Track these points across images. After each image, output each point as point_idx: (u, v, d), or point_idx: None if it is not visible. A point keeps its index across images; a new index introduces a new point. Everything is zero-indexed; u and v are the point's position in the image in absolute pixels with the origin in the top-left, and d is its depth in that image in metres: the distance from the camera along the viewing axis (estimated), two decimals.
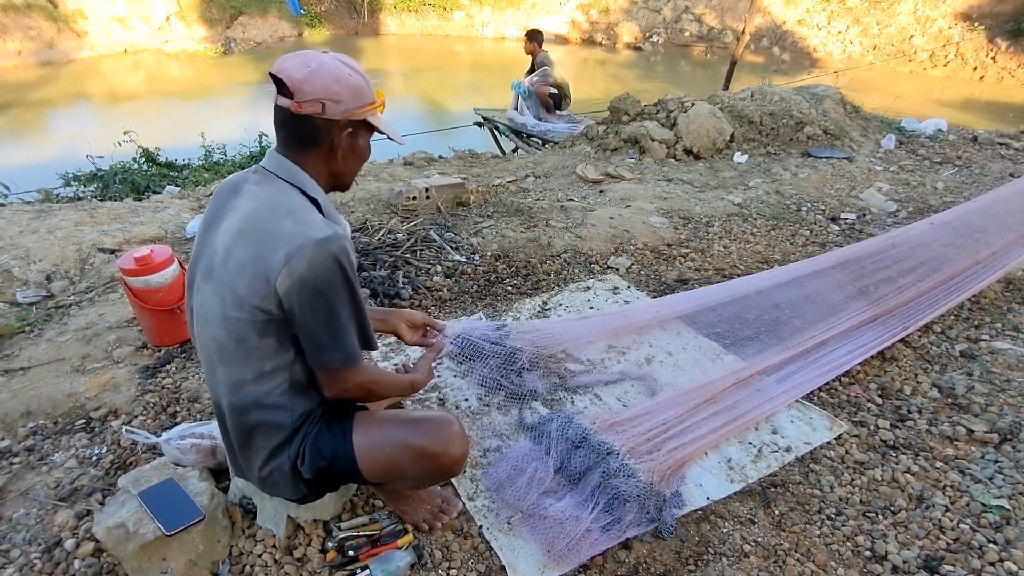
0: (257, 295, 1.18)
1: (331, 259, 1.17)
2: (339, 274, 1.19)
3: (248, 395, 1.28)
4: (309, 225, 1.18)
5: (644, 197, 4.06)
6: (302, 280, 1.15)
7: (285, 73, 1.19)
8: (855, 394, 2.30)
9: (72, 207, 4.03)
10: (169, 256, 2.37)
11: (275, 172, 1.27)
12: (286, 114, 1.22)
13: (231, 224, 1.24)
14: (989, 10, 15.53)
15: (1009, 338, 2.68)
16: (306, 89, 1.18)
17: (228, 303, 1.21)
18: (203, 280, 1.28)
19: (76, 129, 11.26)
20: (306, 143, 1.26)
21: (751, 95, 5.56)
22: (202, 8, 17.41)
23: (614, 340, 2.52)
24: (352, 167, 1.35)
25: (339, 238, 1.19)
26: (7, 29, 14.94)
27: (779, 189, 4.34)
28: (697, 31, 17.95)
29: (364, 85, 1.26)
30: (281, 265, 1.15)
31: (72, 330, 2.57)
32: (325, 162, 1.29)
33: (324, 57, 1.23)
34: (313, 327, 1.21)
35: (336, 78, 1.20)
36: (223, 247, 1.24)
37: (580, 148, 5.44)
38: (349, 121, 1.25)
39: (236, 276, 1.20)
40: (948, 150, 5.38)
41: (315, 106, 1.20)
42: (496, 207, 3.91)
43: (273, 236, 1.17)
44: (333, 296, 1.19)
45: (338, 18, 19.37)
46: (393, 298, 2.76)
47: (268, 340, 1.24)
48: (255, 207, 1.23)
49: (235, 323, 1.22)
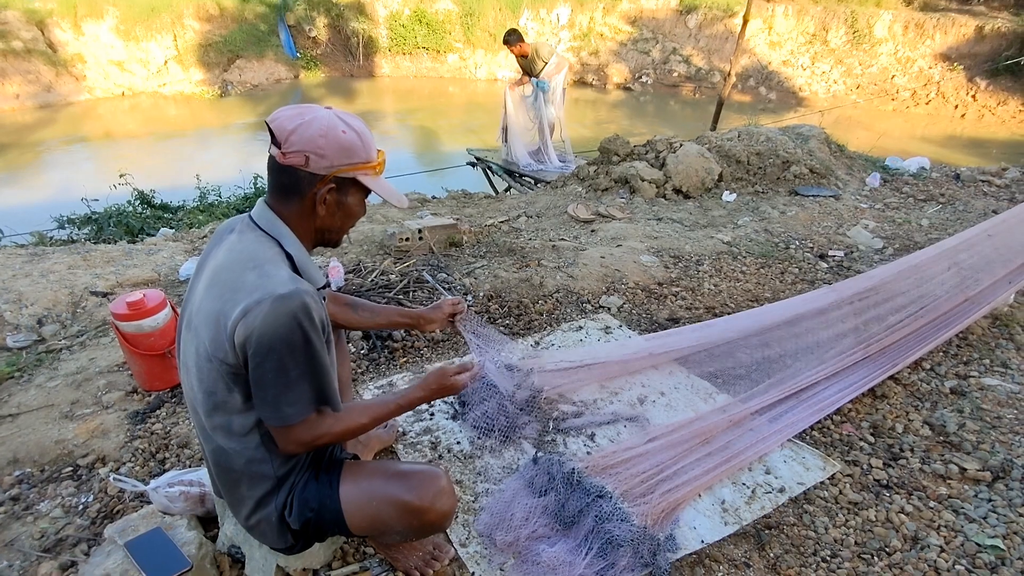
0: (220, 348, 1.17)
1: (288, 316, 1.14)
2: (295, 332, 1.16)
3: (228, 446, 1.27)
4: (271, 279, 1.17)
5: (635, 236, 4.12)
6: (256, 335, 1.13)
7: (276, 122, 1.21)
8: (847, 432, 2.31)
9: (66, 250, 4.04)
10: (161, 300, 2.37)
11: (257, 222, 1.28)
12: (273, 163, 1.24)
13: (206, 275, 1.26)
14: (967, 51, 16.03)
15: (998, 374, 2.71)
16: (292, 140, 1.19)
17: (200, 354, 1.21)
18: (185, 329, 1.29)
19: (72, 171, 11.36)
20: (289, 194, 1.26)
21: (738, 135, 5.68)
22: (200, 52, 17.74)
23: (606, 381, 2.53)
24: (338, 224, 1.34)
25: (299, 294, 1.16)
26: (6, 73, 15.17)
27: (768, 227, 4.41)
28: (685, 71, 18.40)
29: (357, 143, 1.25)
30: (239, 318, 1.14)
31: (62, 375, 2.56)
32: (308, 216, 1.28)
33: (321, 111, 1.24)
34: (261, 383, 1.18)
35: (323, 132, 1.20)
36: (198, 297, 1.25)
37: (571, 188, 5.53)
38: (334, 177, 1.24)
39: (203, 328, 1.20)
40: (932, 187, 5.49)
41: (299, 158, 1.20)
42: (489, 247, 3.95)
43: (235, 290, 1.17)
44: (285, 354, 1.16)
45: (333, 61, 19.76)
46: (386, 339, 2.77)
47: (236, 395, 1.22)
48: (226, 259, 1.24)
49: (206, 375, 1.22)
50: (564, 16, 19.26)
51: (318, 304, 1.22)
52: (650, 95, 18.18)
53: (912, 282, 3.13)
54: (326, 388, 1.25)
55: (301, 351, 1.18)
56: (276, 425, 1.22)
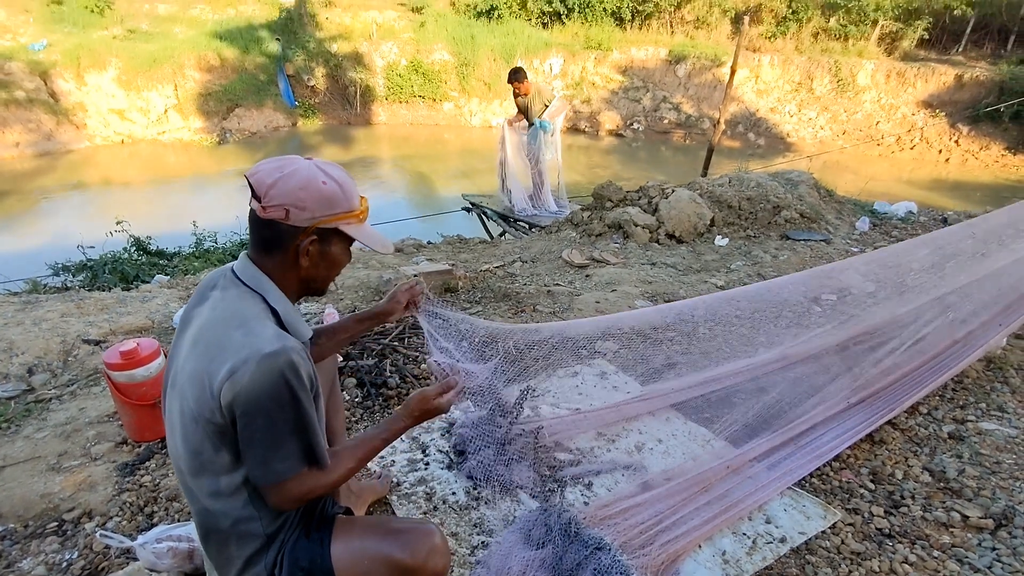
0: (207, 408, 1.16)
1: (275, 374, 1.13)
2: (282, 389, 1.15)
3: (215, 506, 1.24)
4: (258, 337, 1.16)
5: (629, 281, 4.14)
6: (244, 394, 1.12)
7: (256, 176, 1.20)
8: (847, 479, 2.28)
9: (59, 298, 4.03)
10: (155, 349, 2.36)
11: (240, 277, 1.26)
12: (254, 217, 1.23)
13: (191, 333, 1.24)
14: (948, 98, 16.52)
15: (995, 418, 2.70)
16: (272, 194, 1.18)
17: (185, 415, 1.19)
18: (170, 388, 1.27)
19: (68, 218, 11.42)
20: (271, 248, 1.25)
21: (729, 181, 5.78)
22: (200, 101, 18.09)
23: (604, 427, 2.51)
24: (323, 274, 1.33)
25: (287, 351, 1.15)
26: (8, 122, 15.40)
27: (760, 271, 4.45)
28: (676, 118, 18.83)
29: (338, 194, 1.24)
30: (225, 378, 1.13)
31: (51, 425, 2.52)
32: (291, 268, 1.27)
33: (301, 163, 1.23)
34: (251, 442, 1.16)
35: (304, 185, 1.20)
36: (182, 356, 1.23)
37: (566, 233, 5.59)
38: (316, 228, 1.23)
39: (188, 388, 1.18)
40: (920, 231, 5.57)
41: (279, 211, 1.19)
42: (484, 292, 3.96)
43: (221, 349, 1.16)
44: (274, 412, 1.15)
45: (331, 109, 20.17)
46: (380, 387, 2.75)
47: (223, 455, 1.20)
48: (211, 317, 1.22)
49: (191, 435, 1.20)
50: (557, 66, 19.81)
51: (305, 360, 1.21)
52: (642, 141, 18.56)
53: (905, 324, 3.15)
54: (315, 444, 1.23)
55: (289, 408, 1.17)
56: (268, 483, 1.20)
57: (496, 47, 19.55)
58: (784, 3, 19.58)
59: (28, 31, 18.16)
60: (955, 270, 3.58)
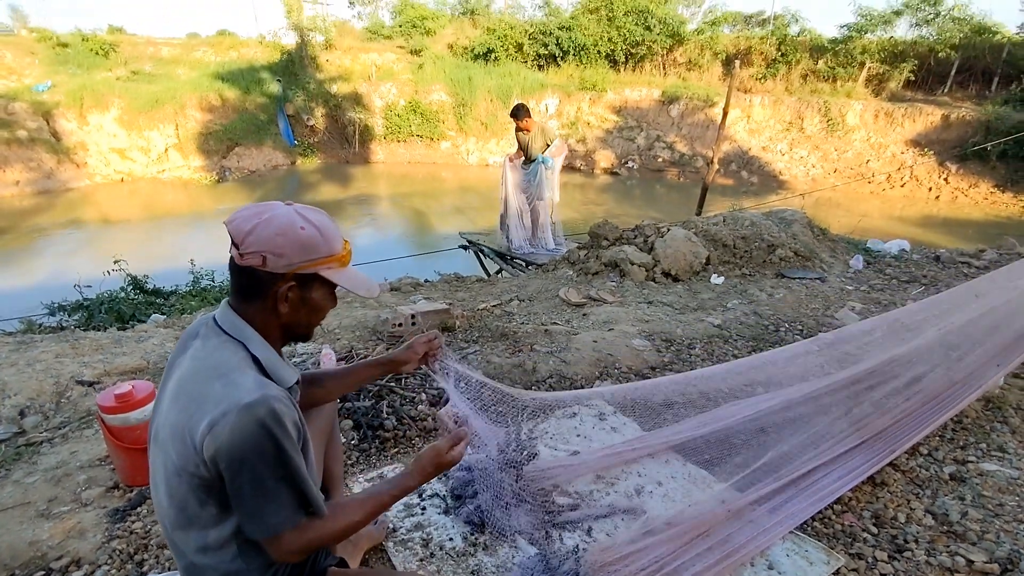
0: (190, 462, 1.14)
1: (256, 424, 1.11)
2: (265, 440, 1.12)
3: (203, 560, 1.22)
4: (237, 388, 1.14)
5: (626, 320, 4.15)
6: (226, 447, 1.10)
7: (233, 224, 1.19)
8: (849, 523, 2.25)
9: (54, 338, 4.02)
10: (150, 392, 2.34)
11: (221, 325, 1.25)
12: (233, 265, 1.22)
13: (172, 386, 1.23)
14: (936, 137, 16.87)
15: (996, 459, 2.68)
16: (249, 241, 1.17)
17: (169, 470, 1.18)
18: (152, 442, 1.25)
19: (65, 255, 11.44)
20: (251, 295, 1.24)
21: (723, 220, 5.85)
22: (200, 140, 18.36)
23: (603, 470, 2.48)
24: (305, 320, 1.30)
25: (267, 400, 1.13)
26: (9, 161, 15.58)
27: (756, 310, 4.46)
28: (669, 157, 19.15)
29: (317, 239, 1.22)
30: (206, 432, 1.11)
31: (41, 470, 2.48)
32: (272, 315, 1.25)
33: (280, 209, 1.22)
34: (240, 497, 1.14)
35: (281, 231, 1.18)
36: (164, 410, 1.22)
37: (563, 272, 5.62)
38: (295, 275, 1.22)
39: (171, 442, 1.17)
40: (914, 269, 5.61)
41: (256, 259, 1.17)
42: (481, 331, 3.96)
43: (201, 402, 1.14)
44: (258, 464, 1.12)
45: (330, 148, 20.47)
46: (377, 429, 2.72)
47: (209, 508, 1.18)
48: (191, 368, 1.21)
49: (175, 489, 1.18)
50: (553, 106, 20.21)
51: (288, 407, 1.19)
52: (636, 179, 18.82)
53: (904, 364, 3.15)
54: (307, 492, 1.20)
55: (274, 459, 1.14)
56: (265, 536, 1.17)
57: (493, 88, 19.98)
58: (773, 46, 20.15)
59: (33, 72, 18.52)
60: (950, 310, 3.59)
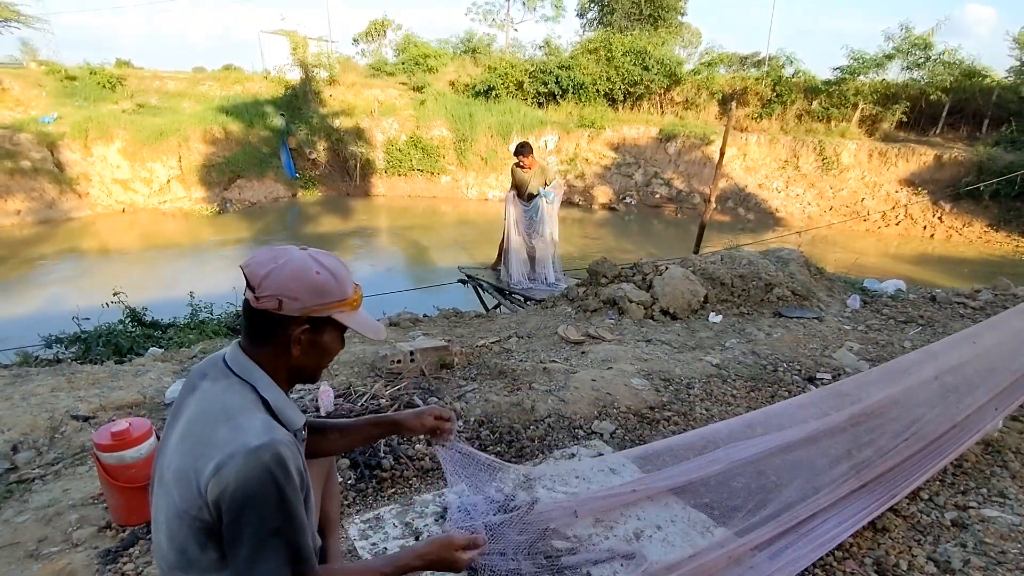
0: (193, 506, 1.14)
1: (261, 470, 1.11)
2: (268, 487, 1.12)
3: None
4: (244, 431, 1.15)
5: (625, 358, 4.15)
6: (230, 492, 1.10)
7: (250, 267, 1.22)
8: (851, 570, 2.22)
9: (50, 371, 4.00)
10: (147, 430, 2.33)
11: (231, 366, 1.26)
12: (247, 307, 1.24)
13: (179, 427, 1.23)
14: (929, 176, 17.11)
15: (997, 505, 2.66)
16: (265, 284, 1.20)
17: (171, 512, 1.17)
18: (157, 484, 1.25)
19: (63, 286, 11.44)
20: (264, 337, 1.26)
21: (721, 258, 5.89)
22: (202, 172, 18.53)
23: (601, 513, 2.45)
24: (315, 362, 1.33)
25: (274, 444, 1.14)
26: (11, 191, 15.70)
27: (755, 349, 4.47)
28: (667, 193, 19.35)
29: (331, 283, 1.25)
30: (211, 475, 1.11)
31: (32, 508, 2.45)
32: (283, 357, 1.27)
33: (295, 253, 1.25)
34: (234, 542, 1.13)
35: (296, 275, 1.21)
36: (170, 451, 1.22)
37: (561, 308, 5.63)
38: (308, 318, 1.25)
39: (175, 485, 1.17)
40: (910, 309, 5.64)
41: (272, 302, 1.20)
42: (480, 369, 3.95)
43: (208, 445, 1.15)
44: (259, 511, 1.12)
45: (331, 181, 20.67)
46: (374, 468, 2.70)
47: (209, 552, 1.17)
48: (199, 410, 1.22)
49: (176, 532, 1.17)
50: (552, 142, 20.50)
51: (295, 454, 1.20)
52: (634, 215, 18.98)
53: (903, 407, 3.15)
54: (302, 547, 1.19)
55: (275, 507, 1.14)
56: None
57: (493, 124, 20.30)
58: (768, 87, 20.56)
59: (40, 104, 18.79)
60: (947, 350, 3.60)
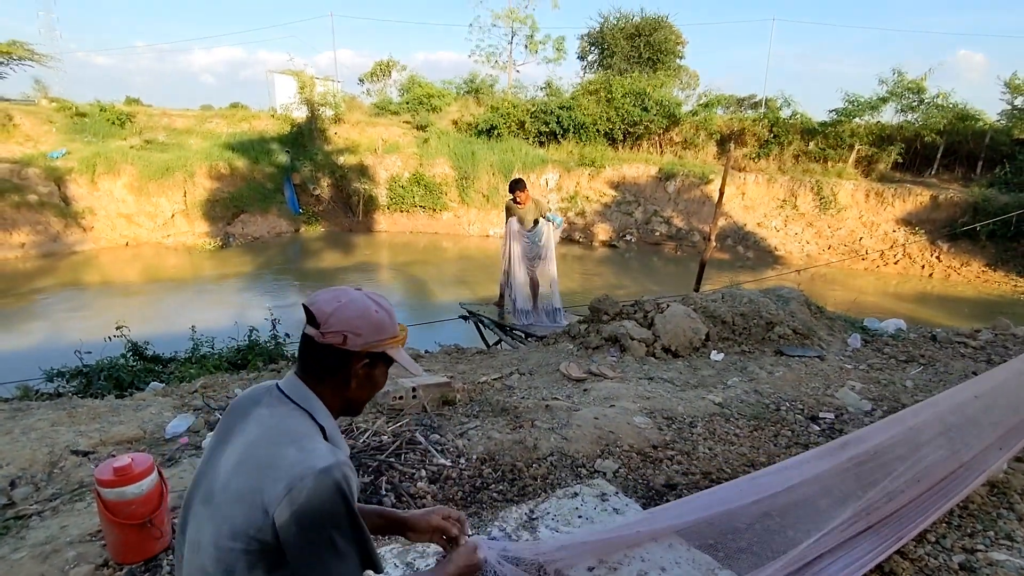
0: (253, 526, 1.17)
1: (332, 489, 1.17)
2: (339, 504, 1.19)
3: None
4: (312, 454, 1.20)
5: (627, 396, 4.14)
6: (302, 511, 1.15)
7: (315, 305, 1.30)
8: None
9: (51, 405, 3.99)
10: (148, 465, 2.31)
11: (288, 394, 1.33)
12: (310, 342, 1.31)
13: (234, 450, 1.27)
14: (925, 216, 17.29)
15: (1004, 548, 2.62)
16: (331, 321, 1.28)
17: (223, 532, 1.19)
18: (202, 504, 1.26)
19: (64, 319, 11.45)
20: (325, 370, 1.33)
21: (722, 297, 5.92)
22: (207, 207, 18.73)
23: (605, 555, 2.42)
24: (365, 395, 1.41)
25: (341, 466, 1.21)
26: (16, 224, 15.84)
27: (757, 388, 4.46)
28: (667, 231, 19.53)
29: (387, 321, 1.35)
30: (282, 497, 1.15)
31: (29, 545, 2.42)
32: (340, 389, 1.35)
33: (354, 293, 1.34)
34: (309, 559, 1.18)
35: (360, 314, 1.31)
36: (224, 473, 1.25)
37: (563, 345, 5.64)
38: (367, 352, 1.33)
39: (233, 506, 1.19)
40: (911, 348, 5.64)
41: (337, 337, 1.28)
42: (482, 406, 3.94)
43: (274, 467, 1.19)
44: (333, 526, 1.18)
45: (334, 216, 20.88)
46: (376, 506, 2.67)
47: (257, 572, 1.20)
48: (259, 435, 1.26)
49: (227, 553, 1.19)
50: (553, 180, 20.79)
51: (354, 473, 1.26)
52: (634, 252, 19.11)
53: (907, 448, 3.13)
54: (372, 553, 1.27)
55: (347, 522, 1.20)
56: None
57: (495, 162, 20.61)
58: (766, 128, 20.94)
59: (49, 140, 19.10)
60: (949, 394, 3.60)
